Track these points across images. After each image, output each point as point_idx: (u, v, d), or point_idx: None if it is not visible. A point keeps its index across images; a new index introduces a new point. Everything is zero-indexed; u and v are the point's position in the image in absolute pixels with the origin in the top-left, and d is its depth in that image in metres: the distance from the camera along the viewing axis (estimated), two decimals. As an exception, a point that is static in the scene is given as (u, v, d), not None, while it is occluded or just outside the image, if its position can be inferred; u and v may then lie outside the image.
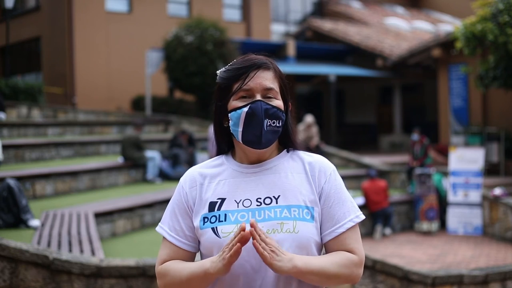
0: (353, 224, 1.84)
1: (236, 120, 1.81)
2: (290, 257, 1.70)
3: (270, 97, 1.83)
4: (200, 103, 17.90)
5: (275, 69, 1.88)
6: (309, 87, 24.50)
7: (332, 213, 1.84)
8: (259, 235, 1.69)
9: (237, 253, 1.66)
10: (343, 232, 1.83)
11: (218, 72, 1.91)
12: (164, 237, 1.90)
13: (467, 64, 14.59)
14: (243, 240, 1.66)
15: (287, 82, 1.92)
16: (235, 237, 1.68)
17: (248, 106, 1.80)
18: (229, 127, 1.85)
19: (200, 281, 1.76)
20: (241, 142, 1.83)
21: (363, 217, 1.88)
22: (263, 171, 1.87)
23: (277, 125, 1.82)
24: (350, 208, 1.86)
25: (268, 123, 1.80)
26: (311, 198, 1.84)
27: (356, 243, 1.84)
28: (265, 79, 1.84)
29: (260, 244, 1.67)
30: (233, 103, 1.84)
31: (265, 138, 1.81)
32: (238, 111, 1.81)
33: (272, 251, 1.69)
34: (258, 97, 1.82)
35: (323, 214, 1.85)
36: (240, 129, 1.81)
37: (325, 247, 1.87)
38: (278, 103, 1.84)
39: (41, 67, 20.44)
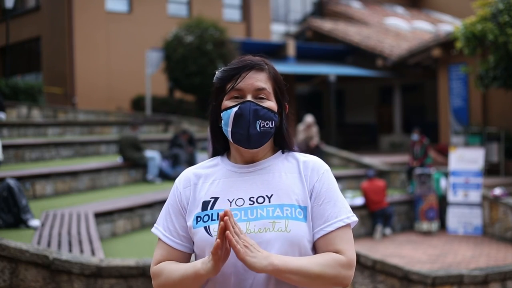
0: (343, 224, 1.81)
1: (227, 120, 1.83)
2: (266, 255, 1.68)
3: (262, 98, 1.84)
4: (200, 103, 17.90)
5: (270, 70, 1.88)
6: (309, 87, 24.51)
7: (322, 211, 1.82)
8: (233, 227, 1.66)
9: (219, 249, 1.64)
10: (332, 232, 1.80)
11: (216, 72, 1.93)
12: (159, 238, 1.91)
13: (467, 64, 14.58)
14: (221, 232, 1.64)
15: (283, 84, 1.91)
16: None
17: (237, 106, 1.81)
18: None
19: (192, 282, 1.76)
20: (231, 141, 1.85)
21: (355, 219, 1.84)
22: (257, 171, 1.87)
23: (270, 126, 1.82)
24: (341, 209, 1.83)
25: (262, 124, 1.81)
26: (304, 198, 1.83)
27: (345, 244, 1.80)
28: (257, 79, 1.84)
29: (233, 237, 1.65)
30: (225, 103, 1.85)
31: (255, 138, 1.81)
32: (228, 110, 1.83)
33: (246, 246, 1.67)
34: (249, 97, 1.83)
35: (313, 212, 1.83)
36: (229, 129, 1.82)
37: (314, 247, 1.84)
38: (270, 104, 1.84)
39: (41, 67, 20.43)
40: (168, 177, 11.66)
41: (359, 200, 11.40)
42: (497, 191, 11.33)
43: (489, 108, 16.35)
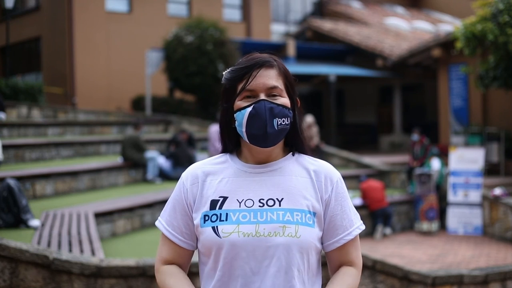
0: (359, 231, 1.88)
1: (241, 121, 1.79)
2: None
3: (275, 95, 1.81)
4: (200, 103, 17.90)
5: (279, 66, 1.85)
6: (309, 87, 24.49)
7: (340, 220, 1.85)
8: None
9: None
10: (350, 240, 1.86)
11: (224, 73, 1.89)
12: (162, 232, 1.90)
13: (467, 64, 14.58)
14: None
15: (293, 79, 1.89)
16: None
17: (252, 106, 1.78)
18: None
19: None
20: (248, 142, 1.81)
21: (364, 226, 1.93)
22: (268, 172, 1.85)
23: (286, 123, 1.80)
24: (354, 216, 1.89)
25: (279, 122, 1.78)
26: (315, 204, 1.83)
27: (358, 251, 1.91)
28: (269, 77, 1.81)
29: None
30: (238, 103, 1.82)
31: (272, 137, 1.79)
32: (242, 111, 1.79)
33: None
34: (262, 96, 1.80)
35: (330, 222, 1.85)
36: (244, 129, 1.79)
37: (328, 255, 1.88)
38: (284, 100, 1.82)
39: (41, 67, 20.43)
40: (168, 177, 11.66)
41: (357, 201, 11.40)
42: (497, 191, 11.33)
43: (489, 108, 16.35)
